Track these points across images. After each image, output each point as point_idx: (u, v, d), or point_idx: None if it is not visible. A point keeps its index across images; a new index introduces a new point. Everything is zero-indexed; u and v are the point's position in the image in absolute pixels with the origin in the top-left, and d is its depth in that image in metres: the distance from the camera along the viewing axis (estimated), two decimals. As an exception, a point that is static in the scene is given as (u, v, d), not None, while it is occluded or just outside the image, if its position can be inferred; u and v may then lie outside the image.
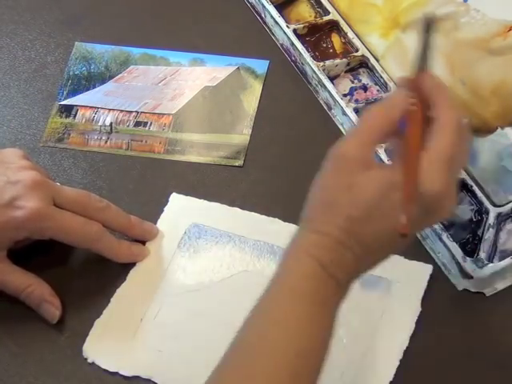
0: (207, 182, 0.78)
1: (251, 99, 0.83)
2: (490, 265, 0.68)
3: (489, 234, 0.70)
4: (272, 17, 0.86)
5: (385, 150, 0.74)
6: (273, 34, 0.87)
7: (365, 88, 0.82)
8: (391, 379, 0.65)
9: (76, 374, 0.67)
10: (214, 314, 0.69)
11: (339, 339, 0.67)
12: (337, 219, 0.56)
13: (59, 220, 0.69)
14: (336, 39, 0.85)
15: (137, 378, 0.67)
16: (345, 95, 0.81)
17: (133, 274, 0.72)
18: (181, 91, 0.85)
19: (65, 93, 0.86)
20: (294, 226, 0.73)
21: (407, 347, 0.67)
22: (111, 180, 0.79)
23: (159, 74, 0.87)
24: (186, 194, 0.77)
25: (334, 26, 0.86)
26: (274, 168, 0.79)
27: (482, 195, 0.72)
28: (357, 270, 0.58)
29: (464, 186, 0.73)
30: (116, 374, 0.68)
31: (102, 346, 0.69)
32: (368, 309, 0.68)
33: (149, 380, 0.67)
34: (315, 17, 0.88)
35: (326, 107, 0.82)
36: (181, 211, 0.76)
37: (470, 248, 0.71)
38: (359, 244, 0.56)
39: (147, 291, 0.71)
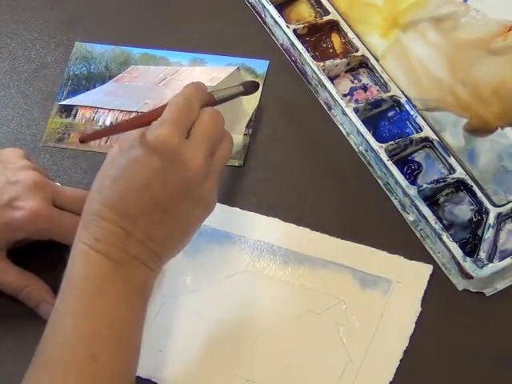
0: (207, 182, 0.78)
1: (251, 99, 0.83)
2: (490, 265, 0.68)
3: (489, 234, 0.70)
4: (272, 17, 0.86)
5: (385, 150, 0.74)
6: (273, 34, 0.87)
7: (365, 88, 0.82)
8: (391, 379, 0.65)
9: (76, 374, 0.67)
10: (214, 314, 0.69)
11: (339, 339, 0.67)
12: (91, 197, 0.62)
13: (58, 221, 0.69)
14: (336, 39, 0.85)
15: (137, 377, 0.67)
16: (345, 95, 0.81)
17: (133, 274, 0.72)
18: (181, 91, 0.85)
19: (65, 93, 0.86)
20: (294, 225, 0.74)
21: (407, 347, 0.67)
22: (111, 180, 0.79)
23: (159, 74, 0.87)
24: (186, 194, 0.77)
25: (333, 26, 0.86)
26: (274, 168, 0.79)
27: (482, 195, 0.72)
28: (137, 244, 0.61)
29: (464, 186, 0.73)
30: (116, 374, 0.68)
31: (102, 346, 0.69)
32: (368, 309, 0.68)
33: (149, 380, 0.67)
34: (315, 17, 0.88)
35: (326, 107, 0.82)
36: (181, 211, 0.76)
37: (470, 248, 0.70)
38: (118, 214, 0.60)
39: (147, 291, 0.71)
